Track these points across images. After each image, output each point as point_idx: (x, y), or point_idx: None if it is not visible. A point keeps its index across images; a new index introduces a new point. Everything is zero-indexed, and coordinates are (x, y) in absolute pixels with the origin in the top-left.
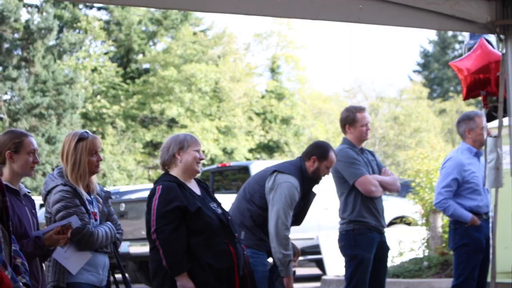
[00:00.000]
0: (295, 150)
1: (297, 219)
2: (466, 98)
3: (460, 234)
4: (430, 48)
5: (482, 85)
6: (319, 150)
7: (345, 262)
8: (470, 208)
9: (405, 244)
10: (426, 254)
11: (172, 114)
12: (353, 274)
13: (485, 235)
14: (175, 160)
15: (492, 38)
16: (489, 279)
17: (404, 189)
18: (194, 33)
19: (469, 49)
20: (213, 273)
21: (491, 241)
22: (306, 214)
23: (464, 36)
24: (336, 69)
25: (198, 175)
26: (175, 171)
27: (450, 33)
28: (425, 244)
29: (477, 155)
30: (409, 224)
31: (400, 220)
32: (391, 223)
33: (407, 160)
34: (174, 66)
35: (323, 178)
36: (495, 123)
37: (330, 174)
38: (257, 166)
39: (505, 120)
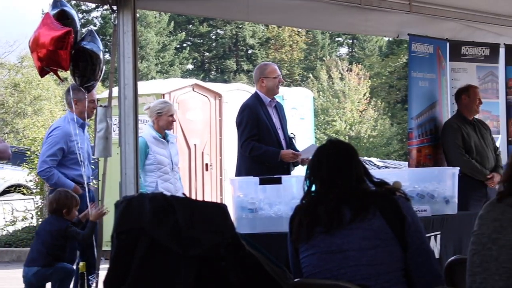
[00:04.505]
0: None
1: None
2: (41, 75)
3: None
4: None
5: (49, 60)
6: None
7: None
8: (73, 178)
9: (19, 213)
10: (40, 222)
11: None
12: None
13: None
14: None
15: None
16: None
17: (20, 158)
18: None
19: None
20: None
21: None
22: None
23: (88, 6)
24: None
25: None
26: None
27: None
28: (39, 212)
29: (83, 126)
30: (24, 193)
31: (15, 188)
32: (6, 191)
33: (25, 128)
34: None
35: None
36: (105, 94)
37: None
38: None
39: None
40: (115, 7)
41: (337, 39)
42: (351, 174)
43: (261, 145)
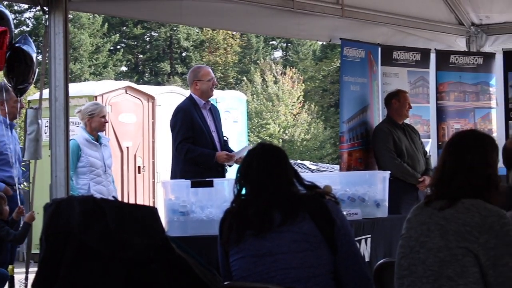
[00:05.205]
0: None
1: None
2: None
3: None
4: None
5: None
6: None
7: None
8: (2, 179)
9: None
10: None
11: None
12: None
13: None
14: None
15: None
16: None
17: None
18: None
19: None
20: None
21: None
22: None
23: (21, 6)
24: None
25: None
26: None
27: None
28: None
29: (11, 126)
30: None
31: None
32: None
33: None
34: None
35: None
36: (36, 95)
37: None
38: None
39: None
40: (46, 8)
41: (271, 42)
42: (281, 178)
43: (196, 147)
